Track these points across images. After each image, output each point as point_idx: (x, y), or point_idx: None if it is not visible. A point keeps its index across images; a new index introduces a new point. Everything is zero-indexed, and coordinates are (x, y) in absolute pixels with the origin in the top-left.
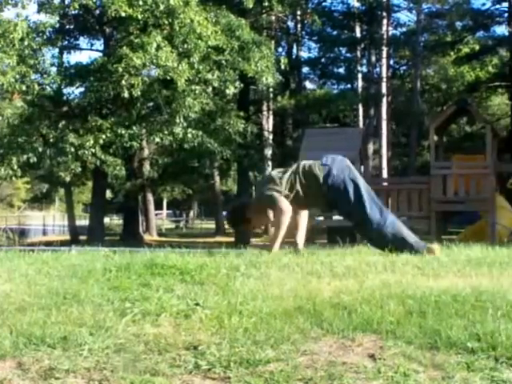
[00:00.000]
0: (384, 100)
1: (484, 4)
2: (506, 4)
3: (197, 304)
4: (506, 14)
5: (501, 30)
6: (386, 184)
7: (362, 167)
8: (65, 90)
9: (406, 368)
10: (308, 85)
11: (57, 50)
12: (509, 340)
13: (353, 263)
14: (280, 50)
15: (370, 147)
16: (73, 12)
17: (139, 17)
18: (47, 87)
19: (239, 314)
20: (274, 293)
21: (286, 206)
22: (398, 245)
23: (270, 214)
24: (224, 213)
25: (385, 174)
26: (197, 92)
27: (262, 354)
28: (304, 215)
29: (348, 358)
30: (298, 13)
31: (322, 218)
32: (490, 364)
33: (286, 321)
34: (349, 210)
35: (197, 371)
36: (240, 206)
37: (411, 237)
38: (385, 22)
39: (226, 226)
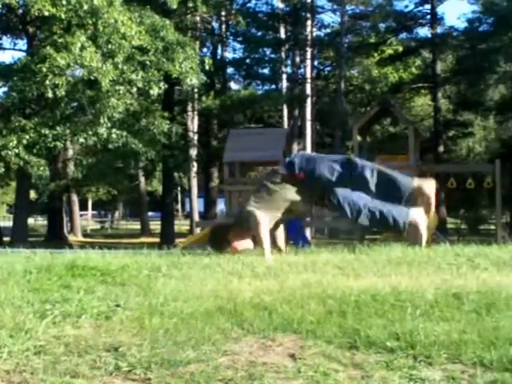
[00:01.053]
0: (308, 101)
1: (407, 6)
2: (428, 6)
3: (118, 305)
4: (429, 16)
5: (424, 31)
6: None
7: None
8: None
9: (326, 367)
10: (233, 85)
11: None
12: (427, 339)
13: (274, 263)
14: (205, 50)
15: (295, 147)
16: None
17: (63, 16)
18: None
19: (160, 315)
20: (195, 293)
21: (260, 216)
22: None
23: (249, 234)
24: (150, 213)
25: None
26: (121, 92)
27: (183, 354)
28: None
29: (268, 358)
30: (223, 14)
31: None
32: (409, 362)
33: (207, 321)
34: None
35: (117, 373)
36: (221, 227)
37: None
38: (309, 23)
39: (151, 227)
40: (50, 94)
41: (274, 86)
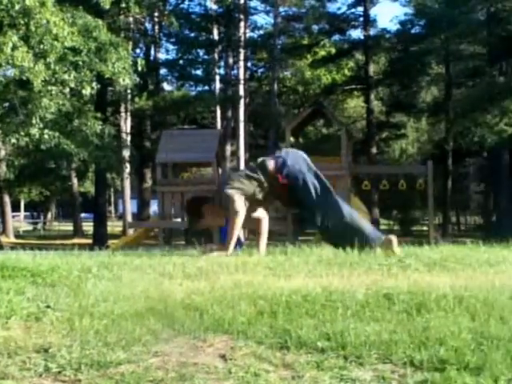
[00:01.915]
0: (241, 102)
1: (340, 8)
2: (361, 8)
3: (48, 306)
4: (362, 18)
5: (356, 33)
6: None
7: (220, 169)
8: None
9: (257, 368)
10: (166, 86)
11: None
12: (358, 339)
13: (205, 264)
14: (138, 51)
15: (228, 149)
16: None
17: None
18: None
19: (90, 316)
20: (125, 294)
21: (239, 206)
22: (355, 236)
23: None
24: (83, 214)
25: None
26: (53, 93)
27: (113, 355)
28: (265, 220)
29: (199, 359)
30: (156, 14)
31: (179, 220)
32: (340, 363)
33: (138, 322)
34: (312, 201)
35: (47, 374)
36: (200, 199)
37: (368, 228)
38: (242, 24)
39: (84, 228)
40: None
41: (207, 87)
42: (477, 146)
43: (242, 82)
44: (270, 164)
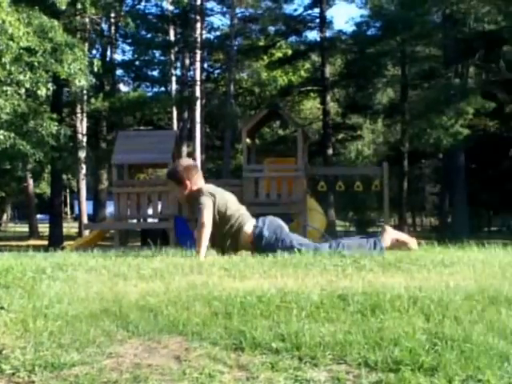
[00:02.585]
0: (198, 103)
1: (296, 9)
2: (317, 10)
3: (1, 307)
4: (318, 20)
5: (313, 35)
6: None
7: None
8: None
9: (211, 369)
10: (122, 87)
11: None
12: (312, 340)
13: (160, 265)
14: (94, 52)
15: (184, 150)
16: None
17: None
18: None
19: (44, 318)
20: (80, 295)
21: (207, 220)
22: None
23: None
24: (38, 216)
25: None
26: (8, 93)
27: (67, 357)
28: None
29: (153, 360)
30: (112, 15)
31: (135, 221)
32: (294, 364)
33: (92, 323)
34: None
35: (0, 375)
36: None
37: (364, 242)
38: (198, 25)
39: (40, 229)
40: None
41: (163, 88)
42: (432, 147)
43: (198, 83)
44: (248, 228)
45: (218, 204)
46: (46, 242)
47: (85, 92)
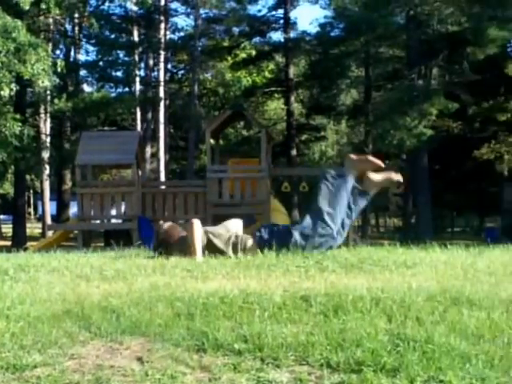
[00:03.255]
0: (162, 104)
1: (260, 10)
2: (281, 11)
3: None
4: (282, 21)
5: (277, 36)
6: (163, 187)
7: (139, 170)
8: None
9: (174, 370)
10: (86, 88)
11: None
12: (275, 341)
13: (123, 266)
14: (58, 52)
15: (148, 150)
16: None
17: None
18: None
19: (6, 319)
20: (42, 297)
21: (195, 221)
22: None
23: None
24: (2, 216)
25: (162, 178)
26: None
27: (29, 358)
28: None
29: (116, 362)
30: (76, 16)
31: (98, 222)
32: (257, 365)
33: (54, 325)
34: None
35: None
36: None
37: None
38: (162, 26)
39: (3, 230)
40: None
41: (127, 89)
42: (396, 148)
43: (162, 83)
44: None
45: None
46: (9, 243)
47: (48, 92)
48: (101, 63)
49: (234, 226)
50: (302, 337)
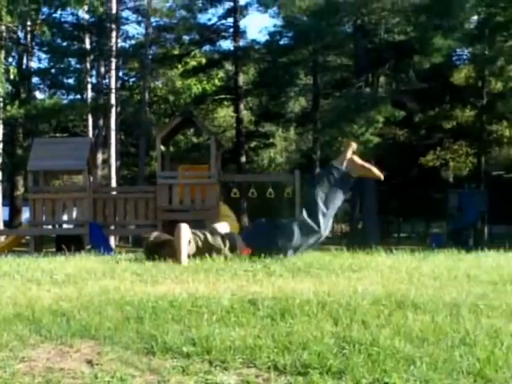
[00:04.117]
0: (113, 111)
1: (210, 19)
2: (231, 19)
3: None
4: (232, 29)
5: (226, 44)
6: (114, 193)
7: (91, 176)
8: None
9: (123, 373)
10: (38, 95)
11: None
12: (223, 344)
13: (73, 270)
14: (10, 59)
15: (99, 157)
16: None
17: None
18: None
19: None
20: None
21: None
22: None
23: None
24: None
25: (113, 184)
26: None
27: None
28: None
29: (66, 364)
30: (29, 23)
31: (50, 227)
32: (205, 367)
33: (5, 328)
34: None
35: None
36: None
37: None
38: (114, 34)
39: None
40: None
41: (79, 96)
42: None
43: (113, 90)
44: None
45: None
46: None
47: (1, 99)
48: (53, 70)
49: (222, 229)
50: (250, 340)
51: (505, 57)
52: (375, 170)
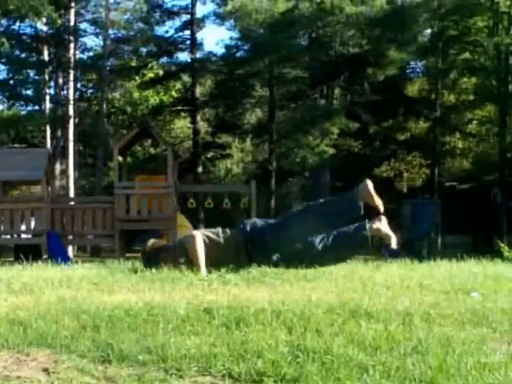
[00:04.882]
0: (71, 122)
1: (167, 31)
2: (188, 32)
3: None
4: (189, 42)
5: (184, 56)
6: (72, 203)
7: (49, 187)
8: None
9: (79, 381)
10: None
11: None
12: (178, 352)
13: (30, 279)
14: None
15: (58, 167)
16: None
17: None
18: None
19: None
20: None
21: (196, 233)
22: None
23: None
24: None
25: (72, 194)
26: None
27: None
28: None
29: (22, 372)
30: None
31: (8, 236)
32: (160, 375)
33: None
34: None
35: None
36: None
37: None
38: (72, 45)
39: None
40: None
41: (37, 107)
42: (299, 166)
43: (71, 102)
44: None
45: None
46: None
47: None
48: (11, 82)
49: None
50: (205, 348)
51: (458, 70)
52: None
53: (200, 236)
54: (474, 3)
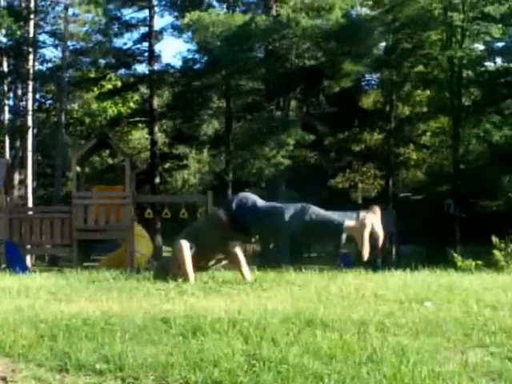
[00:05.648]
0: (30, 132)
1: (126, 43)
2: (146, 44)
3: None
4: (147, 54)
5: (142, 68)
6: (30, 213)
7: (7, 197)
8: None
9: None
10: None
11: None
12: (135, 361)
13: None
14: None
15: (16, 177)
16: None
17: None
18: None
19: None
20: None
21: (183, 242)
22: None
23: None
24: None
25: (30, 204)
26: None
27: None
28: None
29: None
30: None
31: None
32: None
33: None
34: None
35: None
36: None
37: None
38: (31, 57)
39: None
40: None
41: None
42: (255, 177)
43: (30, 112)
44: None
45: None
46: None
47: None
48: None
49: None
50: (162, 357)
51: (412, 82)
52: (366, 244)
53: (186, 244)
54: (427, 17)
